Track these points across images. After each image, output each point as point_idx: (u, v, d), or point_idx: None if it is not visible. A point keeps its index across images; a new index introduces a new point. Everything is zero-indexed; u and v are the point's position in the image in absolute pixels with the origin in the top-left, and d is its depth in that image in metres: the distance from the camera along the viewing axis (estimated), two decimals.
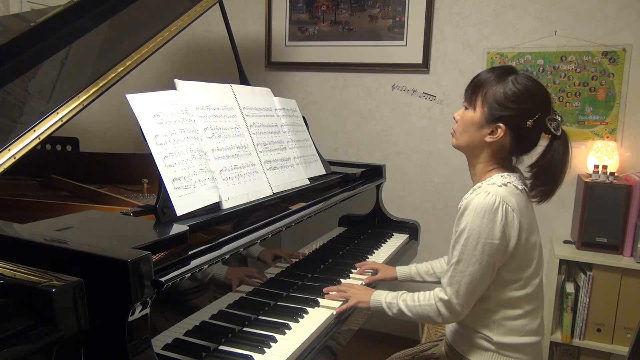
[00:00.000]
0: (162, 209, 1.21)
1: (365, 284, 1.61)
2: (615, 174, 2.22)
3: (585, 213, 2.19)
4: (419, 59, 2.61)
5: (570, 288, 2.24)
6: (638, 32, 2.25)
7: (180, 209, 1.22)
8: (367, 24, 2.70)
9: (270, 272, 1.46)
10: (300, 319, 1.36)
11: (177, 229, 1.13)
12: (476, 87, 1.30)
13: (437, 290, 1.31)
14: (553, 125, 1.26)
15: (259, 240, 1.36)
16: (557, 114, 1.28)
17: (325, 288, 1.51)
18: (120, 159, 2.14)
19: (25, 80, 1.42)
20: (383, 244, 2.06)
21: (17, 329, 0.75)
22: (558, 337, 2.24)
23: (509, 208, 1.23)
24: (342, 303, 1.45)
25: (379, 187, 2.28)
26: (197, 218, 1.26)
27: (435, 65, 2.61)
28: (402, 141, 2.72)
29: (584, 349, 2.23)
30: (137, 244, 0.98)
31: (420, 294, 1.34)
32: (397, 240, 2.15)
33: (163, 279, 0.98)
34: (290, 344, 1.23)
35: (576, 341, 2.21)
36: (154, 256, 0.98)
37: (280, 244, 1.53)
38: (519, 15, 2.43)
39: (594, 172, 2.21)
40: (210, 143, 1.41)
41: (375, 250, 1.97)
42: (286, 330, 1.29)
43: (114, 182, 1.98)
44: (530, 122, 1.25)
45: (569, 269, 2.30)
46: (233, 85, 1.63)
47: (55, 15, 1.55)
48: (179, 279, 1.04)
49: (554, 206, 2.42)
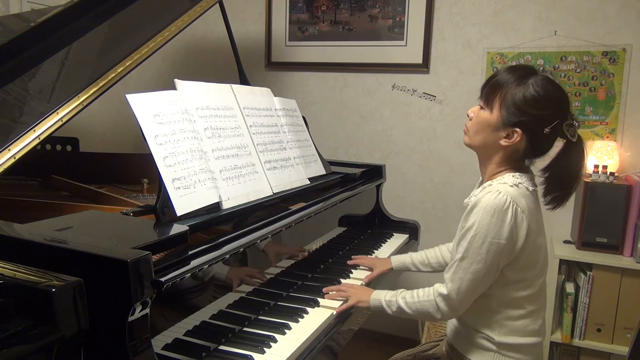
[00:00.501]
0: (162, 209, 1.21)
1: (364, 284, 1.61)
2: (615, 174, 2.22)
3: (585, 213, 2.19)
4: (419, 59, 2.61)
5: (570, 288, 2.24)
6: (638, 32, 2.25)
7: (180, 209, 1.22)
8: (367, 24, 2.70)
9: (270, 272, 1.46)
10: (300, 319, 1.36)
11: (177, 229, 1.13)
12: (494, 88, 1.26)
13: (437, 285, 1.31)
14: (570, 131, 1.24)
15: (259, 240, 1.36)
16: (575, 118, 1.25)
17: (325, 288, 1.52)
18: (120, 159, 2.14)
19: (25, 80, 1.42)
20: (383, 244, 2.06)
21: (17, 329, 0.75)
22: (558, 337, 2.24)
23: (519, 209, 1.22)
24: (342, 303, 1.45)
25: (379, 187, 2.28)
26: (197, 218, 1.26)
27: (435, 65, 2.61)
28: (402, 141, 2.72)
29: (584, 349, 2.22)
30: (137, 244, 0.98)
31: (420, 290, 1.34)
32: (397, 240, 2.15)
33: (163, 279, 0.98)
34: (290, 344, 1.23)
35: (576, 341, 2.21)
36: (154, 256, 0.98)
37: (281, 244, 1.53)
38: (519, 15, 2.43)
39: (594, 172, 2.21)
40: (210, 143, 1.41)
41: (375, 250, 1.97)
42: (286, 330, 1.29)
43: (114, 182, 1.98)
44: (548, 130, 1.22)
45: (569, 269, 2.30)
46: (233, 85, 1.63)
47: (55, 15, 1.55)
48: (179, 279, 1.04)
49: None
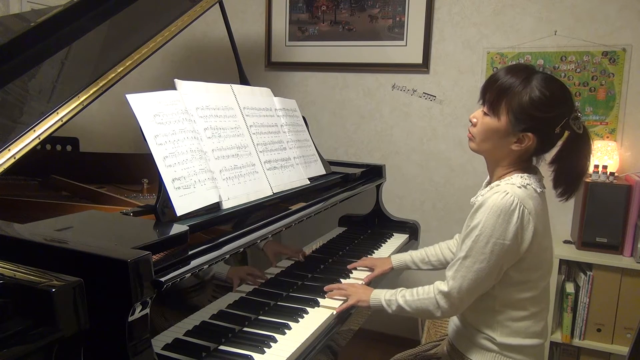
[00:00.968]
0: (162, 209, 1.21)
1: (365, 284, 1.61)
2: (615, 174, 2.22)
3: (585, 213, 2.19)
4: (419, 59, 2.61)
5: (570, 288, 2.24)
6: (638, 32, 2.25)
7: (180, 209, 1.22)
8: (367, 24, 2.69)
9: (270, 272, 1.46)
10: (300, 319, 1.36)
11: (177, 229, 1.13)
12: (499, 95, 1.23)
13: (438, 283, 1.31)
14: (576, 124, 1.23)
15: (259, 240, 1.36)
16: (578, 109, 1.24)
17: (326, 287, 1.52)
18: (120, 159, 2.14)
19: (25, 80, 1.42)
20: (383, 244, 2.06)
21: (17, 329, 0.75)
22: (558, 337, 2.24)
23: (526, 211, 1.21)
24: (342, 303, 1.45)
25: (379, 187, 2.28)
26: (197, 218, 1.26)
27: (435, 65, 2.61)
28: (402, 141, 2.72)
29: (584, 349, 2.22)
30: (137, 244, 0.98)
31: (419, 288, 1.34)
32: (397, 240, 2.15)
33: (163, 279, 0.98)
34: (290, 344, 1.23)
35: (576, 341, 2.21)
36: (154, 256, 0.98)
37: (281, 244, 1.53)
38: (519, 15, 2.43)
39: (594, 172, 2.21)
40: (210, 143, 1.41)
41: (375, 250, 1.97)
42: (286, 330, 1.29)
43: (114, 182, 1.98)
44: (558, 129, 1.22)
45: (569, 269, 2.30)
46: (233, 85, 1.63)
47: (55, 15, 1.55)
48: (179, 279, 1.04)
49: (554, 206, 2.41)
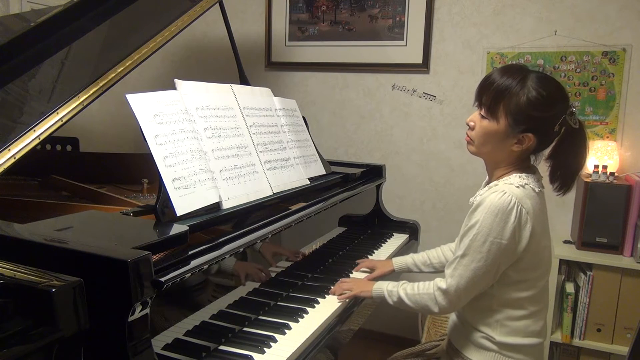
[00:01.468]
0: (162, 209, 1.21)
1: None
2: (615, 174, 2.22)
3: (585, 213, 2.19)
4: (419, 59, 2.61)
5: (570, 288, 2.24)
6: (638, 32, 2.25)
7: (180, 209, 1.22)
8: (367, 24, 2.69)
9: (270, 272, 1.46)
10: (301, 318, 1.36)
11: (177, 229, 1.13)
12: (496, 98, 1.23)
13: (438, 279, 1.32)
14: (572, 119, 1.24)
15: (259, 241, 1.36)
16: (572, 105, 1.25)
17: (330, 290, 1.52)
18: (120, 159, 2.14)
19: (25, 80, 1.42)
20: (383, 244, 2.06)
21: (17, 329, 0.75)
22: (558, 337, 2.24)
23: (524, 210, 1.21)
24: (345, 294, 1.48)
25: (379, 187, 2.28)
26: (197, 218, 1.26)
27: (435, 65, 2.61)
28: (402, 141, 2.72)
29: (584, 349, 2.22)
30: (137, 244, 0.98)
31: (421, 283, 1.35)
32: (397, 240, 2.15)
33: (163, 279, 0.98)
34: (290, 344, 1.23)
35: (576, 341, 2.21)
36: (154, 256, 0.98)
37: (280, 244, 1.53)
38: (519, 15, 2.43)
39: (594, 172, 2.21)
40: (210, 143, 1.41)
41: (375, 250, 1.97)
42: (286, 330, 1.29)
43: (114, 182, 1.98)
44: (557, 127, 1.24)
45: (569, 269, 2.30)
46: (233, 85, 1.63)
47: (55, 15, 1.55)
48: (179, 279, 1.04)
49: (554, 206, 2.42)
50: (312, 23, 2.81)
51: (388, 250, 1.99)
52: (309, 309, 1.42)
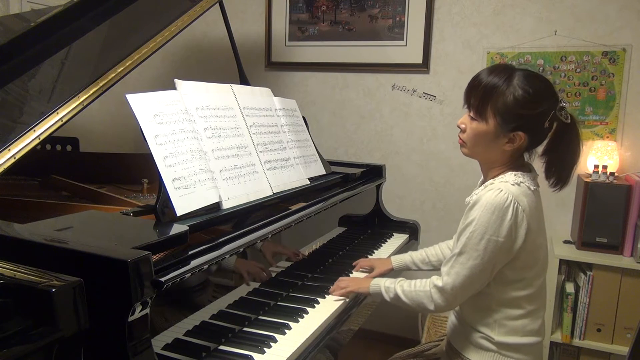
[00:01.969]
0: (162, 209, 1.21)
1: None
2: (615, 174, 2.22)
3: (585, 213, 2.19)
4: (419, 59, 2.61)
5: (570, 288, 2.24)
6: (638, 32, 2.25)
7: (180, 209, 1.22)
8: (367, 24, 2.70)
9: (270, 272, 1.46)
10: (300, 319, 1.36)
11: (177, 229, 1.13)
12: (483, 99, 1.24)
13: (434, 277, 1.32)
14: (563, 114, 1.24)
15: (259, 241, 1.36)
16: (562, 100, 1.25)
17: (329, 290, 1.52)
18: (120, 159, 2.14)
19: (25, 80, 1.42)
20: (383, 244, 2.06)
21: (17, 329, 0.75)
22: (558, 337, 2.24)
23: (520, 208, 1.22)
24: (342, 299, 1.47)
25: (379, 187, 2.28)
26: (197, 218, 1.26)
27: (435, 65, 2.61)
28: (402, 141, 2.72)
29: (584, 349, 2.22)
30: (137, 244, 0.98)
31: (418, 280, 1.36)
32: (397, 240, 2.15)
33: (163, 279, 0.98)
34: (290, 344, 1.23)
35: (576, 341, 2.21)
36: (154, 256, 0.98)
37: (280, 244, 1.53)
38: (519, 15, 2.43)
39: (594, 172, 2.21)
40: (210, 143, 1.41)
41: (375, 250, 1.97)
42: (286, 330, 1.29)
43: (114, 182, 1.98)
44: (547, 123, 1.24)
45: (569, 269, 2.30)
46: (233, 85, 1.63)
47: (55, 15, 1.55)
48: (179, 279, 1.04)
49: (554, 206, 2.42)
50: (312, 23, 2.81)
51: (388, 250, 1.99)
52: (309, 309, 1.41)
